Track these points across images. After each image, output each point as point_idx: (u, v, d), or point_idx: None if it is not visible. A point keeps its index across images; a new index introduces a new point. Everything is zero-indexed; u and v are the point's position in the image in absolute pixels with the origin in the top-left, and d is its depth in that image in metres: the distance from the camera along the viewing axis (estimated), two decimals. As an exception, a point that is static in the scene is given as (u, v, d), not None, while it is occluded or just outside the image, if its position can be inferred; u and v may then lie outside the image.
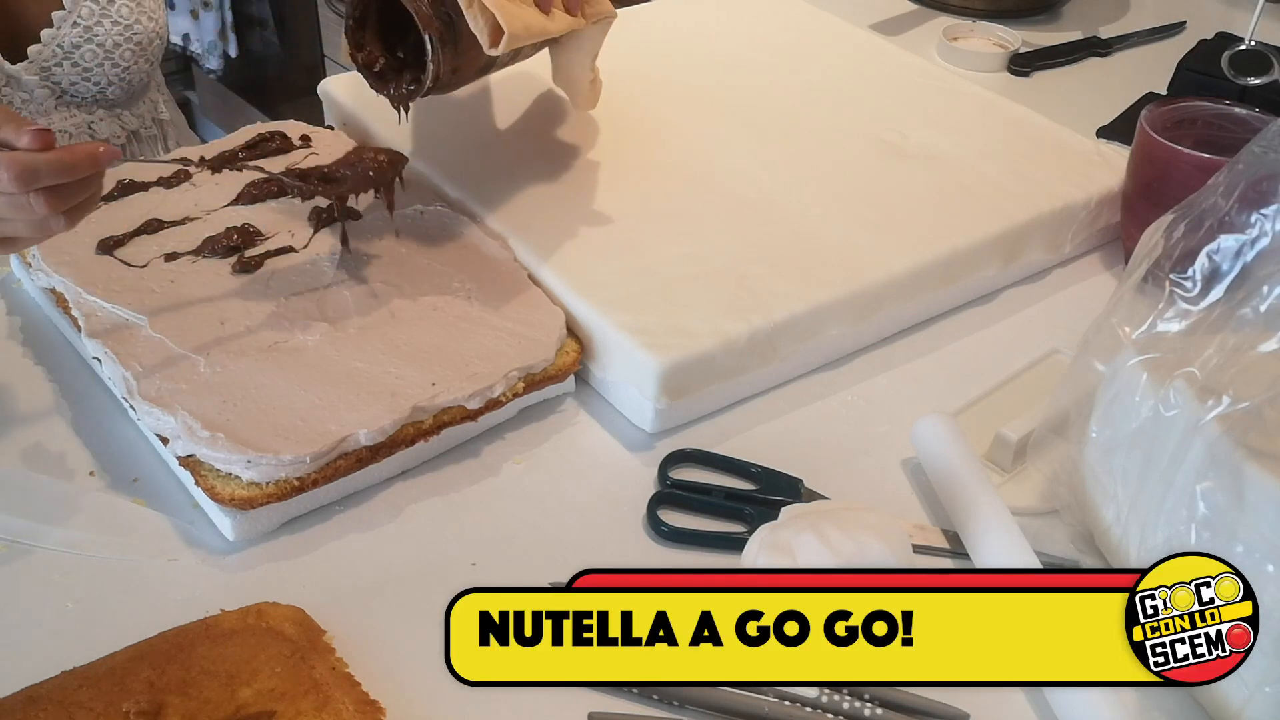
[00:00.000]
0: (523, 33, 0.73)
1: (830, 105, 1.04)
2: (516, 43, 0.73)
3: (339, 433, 0.69)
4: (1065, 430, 0.72)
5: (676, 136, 0.98)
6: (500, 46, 0.72)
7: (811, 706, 0.61)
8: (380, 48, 0.79)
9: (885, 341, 0.87)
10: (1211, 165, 0.81)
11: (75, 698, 0.57)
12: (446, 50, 0.75)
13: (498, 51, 0.72)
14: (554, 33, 0.78)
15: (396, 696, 0.59)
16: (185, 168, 0.90)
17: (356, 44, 0.79)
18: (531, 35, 0.75)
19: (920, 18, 1.35)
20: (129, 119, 1.09)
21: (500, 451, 0.76)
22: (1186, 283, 0.67)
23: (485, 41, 0.72)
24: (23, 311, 0.85)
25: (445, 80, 0.77)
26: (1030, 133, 1.02)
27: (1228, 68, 1.07)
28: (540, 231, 0.85)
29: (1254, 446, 0.58)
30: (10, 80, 0.99)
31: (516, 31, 0.72)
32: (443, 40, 0.74)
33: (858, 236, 0.87)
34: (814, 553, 0.63)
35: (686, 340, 0.76)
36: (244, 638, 0.60)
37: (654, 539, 0.71)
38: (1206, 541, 0.59)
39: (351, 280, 0.80)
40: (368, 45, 0.79)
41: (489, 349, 0.76)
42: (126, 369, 0.72)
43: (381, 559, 0.68)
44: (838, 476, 0.75)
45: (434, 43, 0.74)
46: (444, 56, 0.75)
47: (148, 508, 0.70)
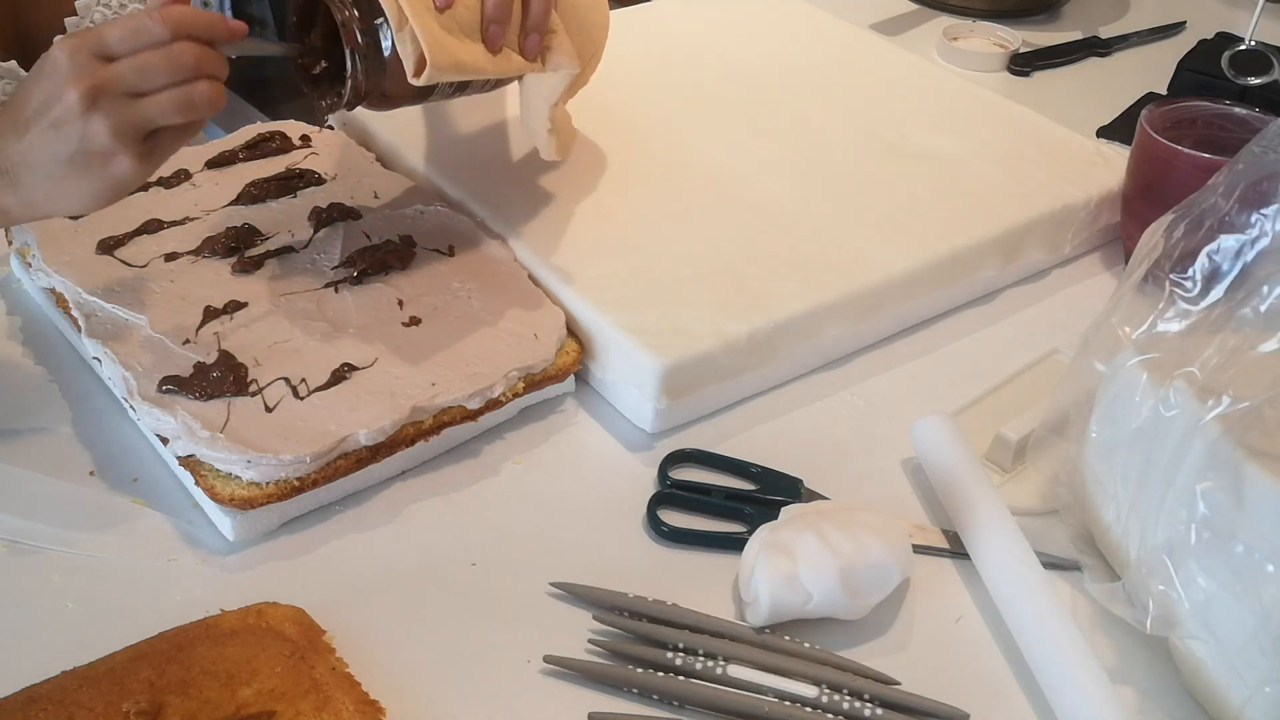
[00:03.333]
0: (449, 67, 0.71)
1: (830, 105, 1.04)
2: (441, 76, 0.70)
3: (339, 433, 0.69)
4: (1065, 430, 0.72)
5: (676, 136, 0.98)
6: (423, 78, 0.70)
7: (811, 706, 0.61)
8: (323, 53, 0.76)
9: (885, 341, 0.87)
10: (1211, 165, 0.81)
11: (75, 698, 0.57)
12: (371, 69, 0.72)
13: (420, 82, 0.70)
14: (493, 73, 0.75)
15: (396, 696, 0.59)
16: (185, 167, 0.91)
17: (301, 45, 0.76)
18: (461, 72, 0.72)
19: (920, 18, 1.35)
20: None
21: (500, 451, 0.76)
22: (1186, 283, 0.67)
23: (410, 69, 0.70)
24: (23, 311, 0.85)
25: (375, 99, 0.75)
26: (1030, 133, 1.02)
27: (1228, 68, 1.07)
28: (540, 231, 0.85)
29: (1254, 446, 0.58)
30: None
31: (442, 65, 0.70)
32: (365, 58, 0.71)
33: (858, 236, 0.87)
34: (814, 553, 0.63)
35: (686, 340, 0.76)
36: (244, 638, 0.60)
37: (654, 539, 0.71)
38: (1206, 541, 0.59)
39: (351, 280, 0.80)
40: (312, 48, 0.76)
41: (489, 349, 0.76)
42: (126, 369, 0.72)
43: (381, 559, 0.68)
44: (838, 476, 0.75)
45: (355, 58, 0.71)
46: (366, 75, 0.72)
47: (148, 508, 0.70)
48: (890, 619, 0.66)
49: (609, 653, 0.63)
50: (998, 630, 0.66)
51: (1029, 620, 0.64)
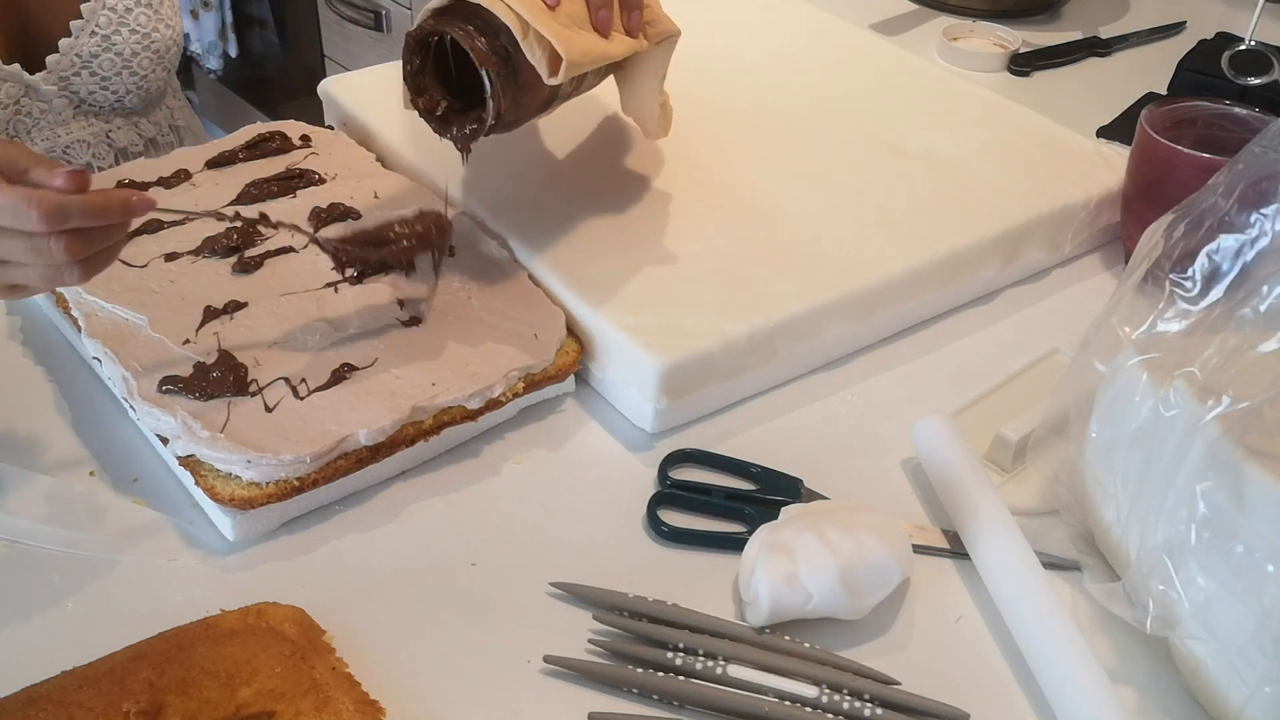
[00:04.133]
0: (581, 59, 0.71)
1: (830, 105, 1.04)
2: (576, 70, 0.70)
3: (339, 433, 0.69)
4: (1065, 430, 0.72)
5: (676, 136, 0.98)
6: (560, 75, 0.70)
7: (811, 706, 0.61)
8: (441, 91, 0.76)
9: (885, 341, 0.87)
10: (1211, 165, 0.81)
11: (75, 698, 0.57)
12: (506, 86, 0.72)
13: (558, 80, 0.70)
14: (615, 56, 0.76)
15: (396, 696, 0.59)
16: (185, 167, 0.91)
17: (417, 89, 0.75)
18: (591, 61, 0.73)
19: (920, 18, 1.35)
20: (146, 127, 1.09)
21: (500, 451, 0.76)
22: (1186, 283, 0.67)
23: (544, 71, 0.70)
24: (23, 311, 0.85)
25: (509, 117, 0.75)
26: (1030, 133, 1.02)
27: (1228, 68, 1.07)
28: (540, 231, 0.85)
29: (1254, 446, 0.58)
30: (29, 90, 0.99)
31: (575, 58, 0.70)
32: (500, 75, 0.71)
33: (857, 236, 0.87)
34: (814, 553, 0.63)
35: (686, 340, 0.76)
36: (244, 638, 0.60)
37: (654, 539, 0.71)
38: (1206, 541, 0.59)
39: (351, 280, 0.80)
40: (428, 90, 0.75)
41: (489, 349, 0.76)
42: (126, 369, 0.72)
43: (381, 559, 0.68)
44: (838, 476, 0.75)
45: (492, 79, 0.71)
46: (504, 92, 0.72)
47: (148, 508, 0.70)
48: (890, 619, 0.66)
49: (609, 653, 0.63)
50: (998, 630, 0.66)
51: (1029, 620, 0.64)
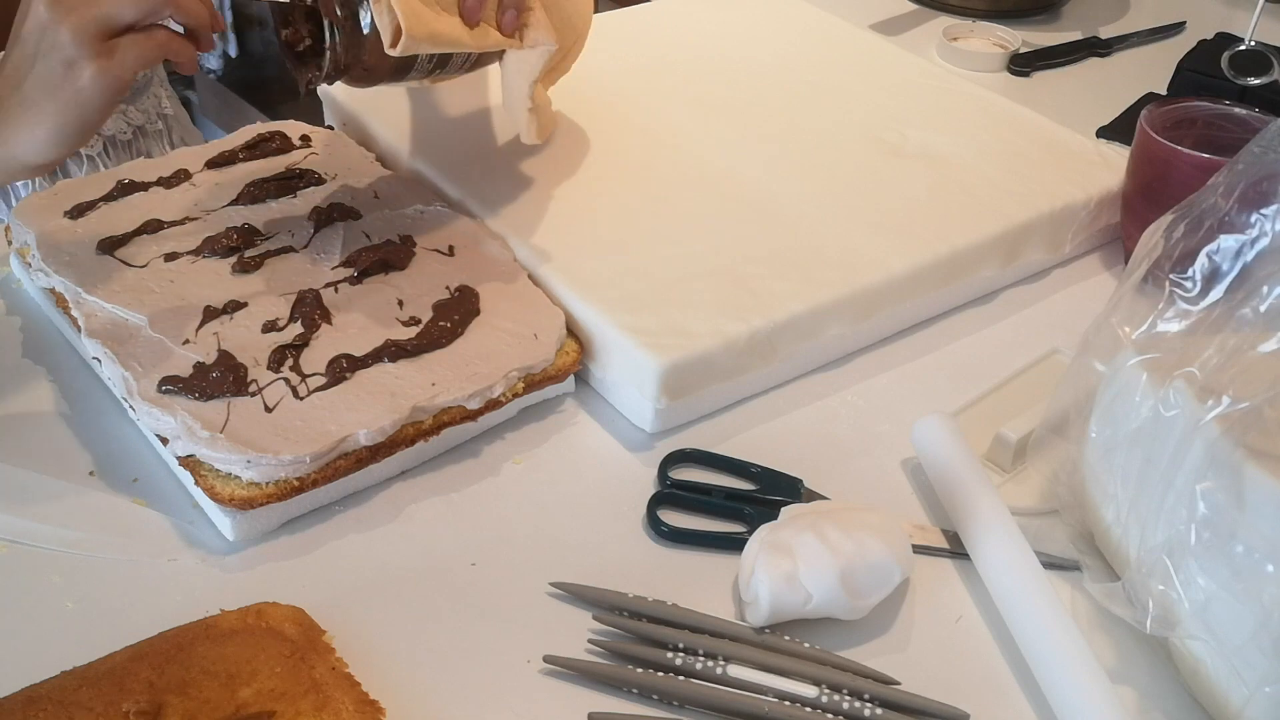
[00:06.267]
0: (425, 38, 0.71)
1: (830, 105, 1.04)
2: (416, 47, 0.71)
3: (339, 433, 0.69)
4: (1065, 430, 0.72)
5: (676, 136, 0.98)
6: (399, 48, 0.70)
7: (811, 706, 0.61)
8: (308, 29, 0.77)
9: (885, 341, 0.87)
10: (1211, 165, 0.81)
11: (75, 698, 0.57)
12: (351, 40, 0.73)
13: (395, 53, 0.71)
14: (470, 47, 0.76)
15: (396, 696, 0.59)
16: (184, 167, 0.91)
17: (284, 20, 0.77)
18: (437, 44, 0.73)
19: (920, 18, 1.35)
20: (134, 114, 1.09)
21: (500, 451, 0.76)
22: (1186, 283, 0.67)
23: (386, 39, 0.71)
24: (23, 311, 0.85)
25: (355, 72, 0.76)
26: (1030, 133, 1.02)
27: (1228, 68, 1.07)
28: (540, 231, 0.85)
29: (1254, 446, 0.58)
30: None
31: (418, 35, 0.70)
32: (343, 29, 0.72)
33: (858, 236, 0.87)
34: (814, 553, 0.63)
35: (686, 340, 0.76)
36: (244, 638, 0.60)
37: (654, 539, 0.71)
38: (1206, 541, 0.59)
39: (351, 280, 0.80)
40: (295, 23, 0.77)
41: (489, 349, 0.76)
42: (126, 369, 0.72)
43: (381, 559, 0.68)
44: (838, 476, 0.75)
45: (333, 29, 0.72)
46: (345, 46, 0.73)
47: (148, 508, 0.70)
48: (890, 619, 0.66)
49: (609, 653, 0.63)
50: (998, 630, 0.66)
51: (1029, 620, 0.64)
